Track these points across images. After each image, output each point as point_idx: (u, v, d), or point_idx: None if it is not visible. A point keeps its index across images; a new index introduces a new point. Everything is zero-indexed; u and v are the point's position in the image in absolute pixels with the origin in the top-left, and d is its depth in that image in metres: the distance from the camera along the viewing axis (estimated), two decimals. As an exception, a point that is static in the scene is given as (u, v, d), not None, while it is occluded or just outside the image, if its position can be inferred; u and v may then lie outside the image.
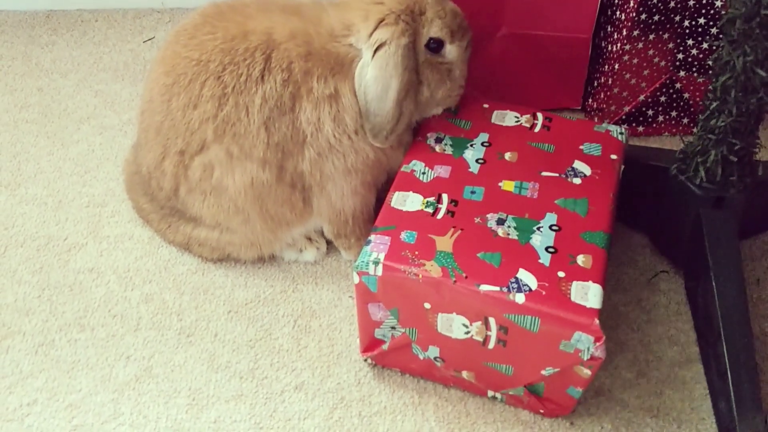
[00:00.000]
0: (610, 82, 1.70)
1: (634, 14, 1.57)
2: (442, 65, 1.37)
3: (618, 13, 1.64)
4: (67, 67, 2.03)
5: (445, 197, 1.27)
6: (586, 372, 1.15)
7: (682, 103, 1.73)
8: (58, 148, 1.80)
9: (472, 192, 1.27)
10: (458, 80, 1.41)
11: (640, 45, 1.62)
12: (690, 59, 1.65)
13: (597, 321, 1.09)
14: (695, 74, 1.67)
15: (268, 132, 1.33)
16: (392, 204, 1.27)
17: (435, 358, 1.27)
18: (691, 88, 1.70)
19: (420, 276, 1.16)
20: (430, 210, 1.25)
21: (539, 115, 1.42)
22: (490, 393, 1.30)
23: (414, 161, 1.34)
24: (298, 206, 1.42)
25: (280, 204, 1.41)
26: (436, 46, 1.35)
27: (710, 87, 1.28)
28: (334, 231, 1.49)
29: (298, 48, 1.32)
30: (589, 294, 1.12)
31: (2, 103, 1.92)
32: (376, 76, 1.29)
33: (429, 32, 1.33)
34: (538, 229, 1.21)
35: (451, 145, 1.36)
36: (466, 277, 1.14)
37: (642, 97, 1.72)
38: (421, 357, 1.28)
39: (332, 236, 1.52)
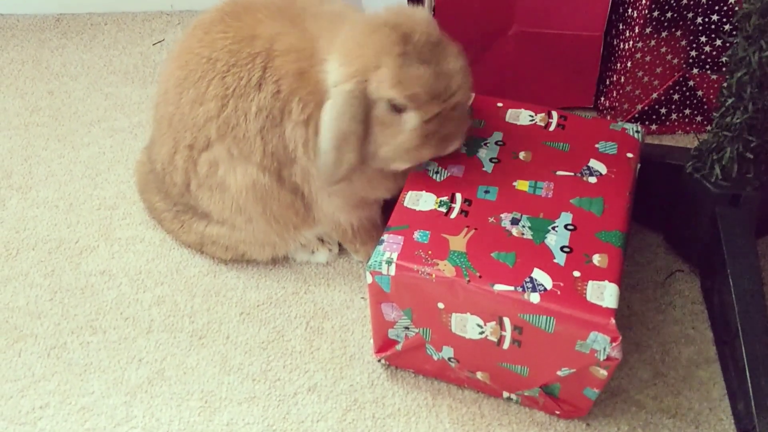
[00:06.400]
0: (622, 80, 1.69)
1: (647, 11, 1.56)
2: (392, 128, 1.22)
3: (630, 10, 1.63)
4: (77, 71, 2.03)
5: (458, 197, 1.26)
6: (603, 373, 1.14)
7: (695, 101, 1.72)
8: (68, 151, 1.80)
9: (486, 191, 1.26)
10: (407, 146, 1.22)
11: (653, 43, 1.61)
12: (703, 56, 1.63)
13: (613, 321, 1.07)
14: (708, 71, 1.66)
15: (263, 140, 1.31)
16: (405, 203, 1.26)
17: (449, 359, 1.26)
18: (705, 85, 1.68)
19: (433, 276, 1.15)
20: (443, 209, 1.24)
21: (554, 114, 1.40)
22: (505, 394, 1.29)
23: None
24: (301, 211, 1.41)
25: (285, 207, 1.39)
26: (396, 107, 1.20)
27: (725, 83, 1.26)
28: (338, 237, 1.49)
29: (290, 65, 1.27)
30: (605, 293, 1.10)
31: (13, 107, 1.92)
32: (323, 117, 1.23)
33: (381, 92, 1.18)
34: (553, 228, 1.20)
35: (464, 144, 1.35)
36: (480, 277, 1.13)
37: (655, 95, 1.71)
38: (435, 358, 1.27)
39: (339, 240, 1.52)
